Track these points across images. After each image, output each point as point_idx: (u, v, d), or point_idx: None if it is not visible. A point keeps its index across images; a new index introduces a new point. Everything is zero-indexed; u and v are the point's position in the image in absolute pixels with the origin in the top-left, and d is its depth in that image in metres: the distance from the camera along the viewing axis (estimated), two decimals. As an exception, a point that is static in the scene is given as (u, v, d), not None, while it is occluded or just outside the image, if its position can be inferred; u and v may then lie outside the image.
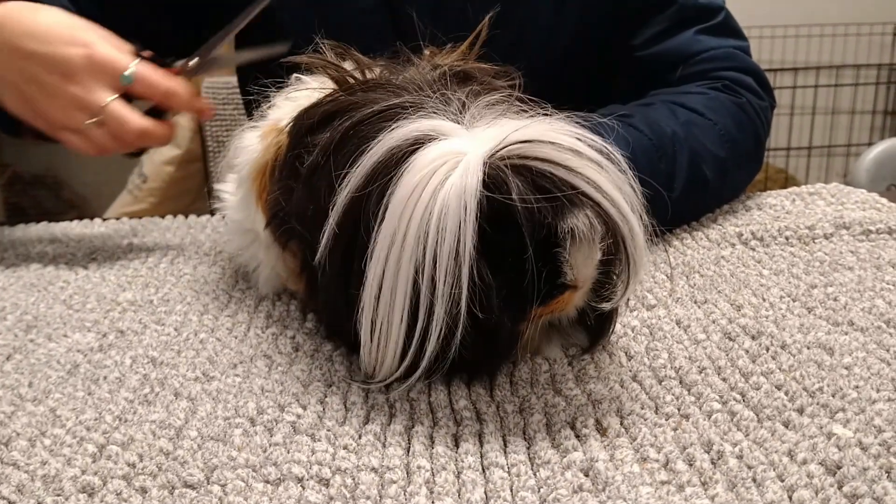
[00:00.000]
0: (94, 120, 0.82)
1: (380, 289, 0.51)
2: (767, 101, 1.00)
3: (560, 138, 0.52)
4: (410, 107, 0.54)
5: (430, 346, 0.50)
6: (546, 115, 0.56)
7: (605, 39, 1.03)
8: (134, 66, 0.82)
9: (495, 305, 0.51)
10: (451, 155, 0.50)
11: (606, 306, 0.55)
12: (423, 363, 0.51)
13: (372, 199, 0.51)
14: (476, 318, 0.50)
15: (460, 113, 0.54)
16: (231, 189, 0.77)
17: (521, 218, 0.49)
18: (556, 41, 1.02)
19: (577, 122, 0.55)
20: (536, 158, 0.50)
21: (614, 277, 0.55)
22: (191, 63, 0.87)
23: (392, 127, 0.52)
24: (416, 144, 0.51)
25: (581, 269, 0.52)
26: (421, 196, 0.49)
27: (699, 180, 0.87)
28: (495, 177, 0.49)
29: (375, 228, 0.50)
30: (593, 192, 0.51)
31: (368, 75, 0.63)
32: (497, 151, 0.50)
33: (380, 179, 0.51)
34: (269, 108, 0.74)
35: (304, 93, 0.69)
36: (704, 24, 1.00)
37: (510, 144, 0.50)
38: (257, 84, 0.74)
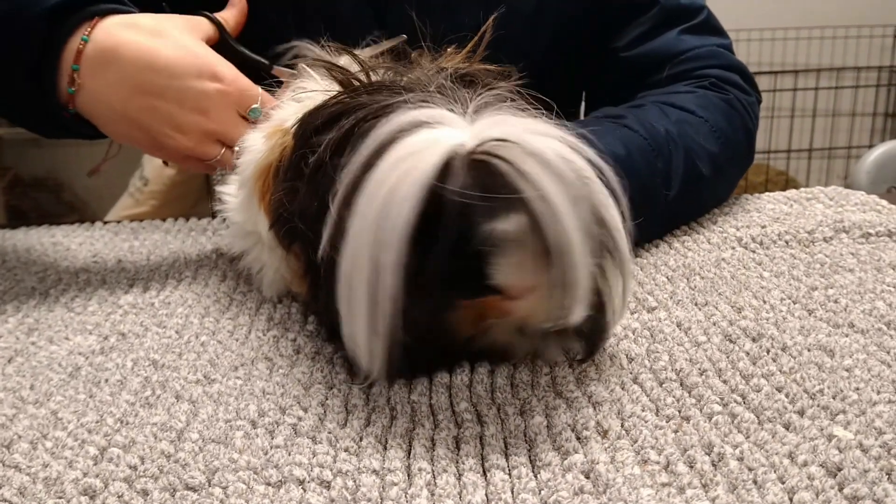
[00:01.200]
0: (235, 150, 0.79)
1: (348, 279, 0.51)
2: (754, 96, 1.02)
3: (535, 142, 0.50)
4: (423, 101, 0.54)
5: (379, 340, 0.50)
6: (549, 118, 0.56)
7: (585, 38, 1.04)
8: (260, 99, 0.80)
9: (424, 293, 0.50)
10: (428, 143, 0.50)
11: (549, 325, 0.53)
12: (377, 357, 0.51)
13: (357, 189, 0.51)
14: (414, 308, 0.50)
15: (463, 105, 0.54)
16: (233, 191, 0.77)
17: (445, 209, 0.49)
18: (537, 37, 1.03)
19: (579, 132, 0.55)
20: (499, 157, 0.49)
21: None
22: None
23: (390, 117, 0.52)
24: (409, 131, 0.51)
25: (511, 277, 0.51)
26: (386, 183, 0.49)
27: (696, 177, 0.88)
28: (454, 168, 0.49)
29: (350, 216, 0.50)
30: (535, 201, 0.48)
31: (373, 77, 0.64)
32: (478, 144, 0.50)
33: (368, 169, 0.51)
34: (273, 108, 0.74)
35: (310, 93, 0.69)
36: (687, 24, 1.01)
37: (488, 141, 0.50)
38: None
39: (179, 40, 0.79)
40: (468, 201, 0.48)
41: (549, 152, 0.50)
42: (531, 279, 0.51)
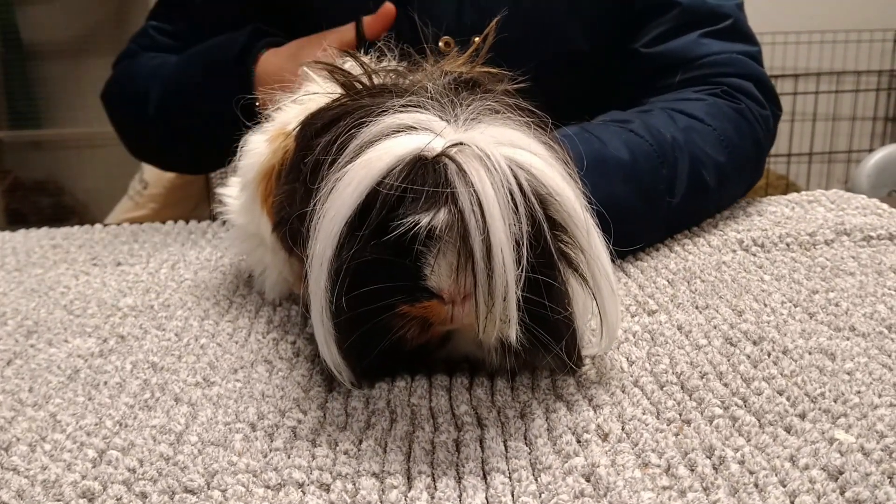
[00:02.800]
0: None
1: (314, 281, 0.52)
2: (770, 109, 0.99)
3: (490, 148, 0.49)
4: (410, 106, 0.54)
5: (333, 344, 0.52)
6: (550, 122, 0.56)
7: (612, 40, 1.03)
8: None
9: (359, 291, 0.51)
10: (396, 146, 0.50)
11: (489, 336, 0.51)
12: (338, 360, 0.53)
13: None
14: (354, 309, 0.51)
15: (455, 110, 0.54)
16: (234, 193, 0.77)
17: (377, 202, 0.49)
18: (568, 39, 1.02)
19: (560, 140, 0.55)
20: (451, 159, 0.49)
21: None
22: None
23: (382, 119, 0.52)
24: (391, 135, 0.51)
25: (444, 279, 0.50)
26: (345, 184, 0.50)
27: (700, 186, 0.87)
28: (401, 168, 0.49)
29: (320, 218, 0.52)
30: (463, 198, 0.48)
31: (376, 81, 0.63)
32: (445, 148, 0.50)
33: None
34: (276, 110, 0.74)
35: (313, 96, 0.69)
36: (711, 28, 0.99)
37: (454, 145, 0.50)
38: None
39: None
40: (397, 194, 0.49)
41: (498, 157, 0.49)
42: (464, 283, 0.50)
